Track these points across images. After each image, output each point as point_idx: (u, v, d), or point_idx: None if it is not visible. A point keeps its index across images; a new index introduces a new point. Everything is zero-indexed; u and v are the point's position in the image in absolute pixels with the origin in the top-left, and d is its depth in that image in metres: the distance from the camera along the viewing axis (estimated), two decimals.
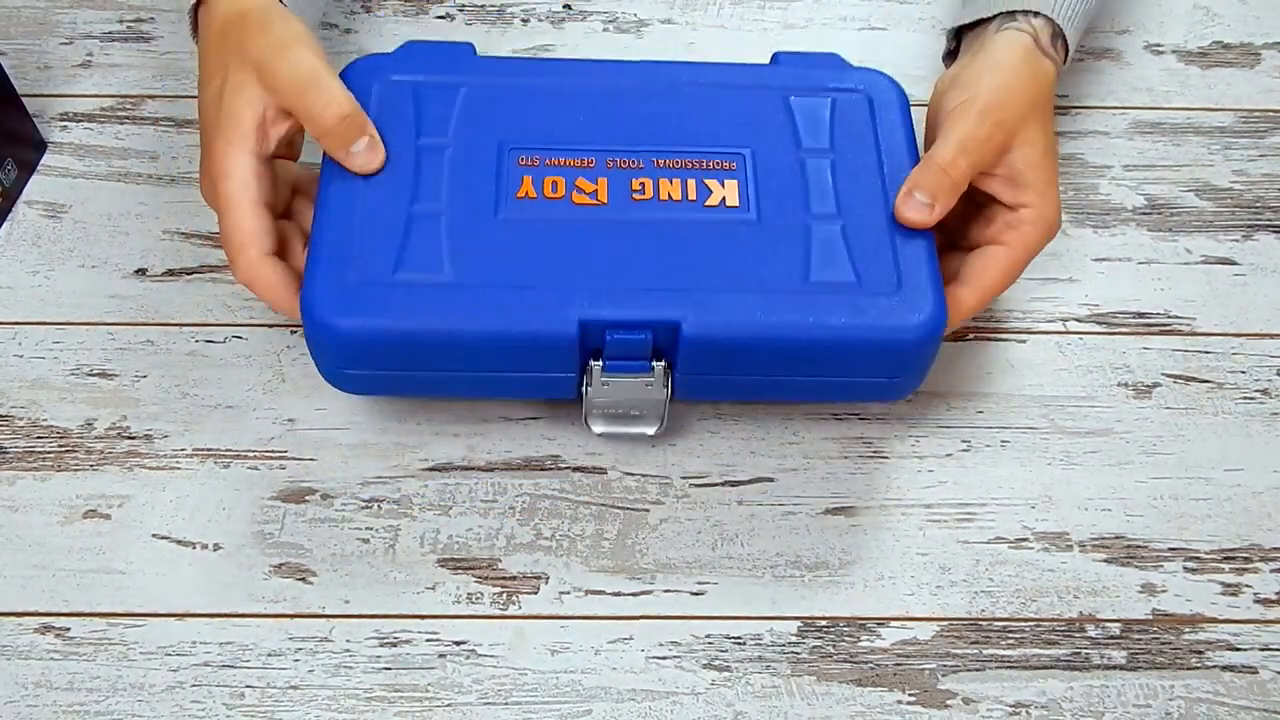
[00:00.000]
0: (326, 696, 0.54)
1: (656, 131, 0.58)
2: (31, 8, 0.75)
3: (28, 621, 0.56)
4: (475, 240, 0.54)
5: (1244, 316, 0.64)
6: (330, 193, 0.55)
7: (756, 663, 0.55)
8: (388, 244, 0.54)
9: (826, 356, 0.54)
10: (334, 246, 0.53)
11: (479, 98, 0.58)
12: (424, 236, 0.54)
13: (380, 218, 0.54)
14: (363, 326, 0.52)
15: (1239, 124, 0.71)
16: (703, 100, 0.59)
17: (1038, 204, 0.55)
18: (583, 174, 0.56)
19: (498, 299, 0.52)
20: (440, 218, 0.55)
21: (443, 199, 0.55)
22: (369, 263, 0.53)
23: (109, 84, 0.72)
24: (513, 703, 0.54)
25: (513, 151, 0.57)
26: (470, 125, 0.57)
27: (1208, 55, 0.73)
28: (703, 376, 0.55)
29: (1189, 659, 0.55)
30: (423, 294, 0.52)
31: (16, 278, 0.65)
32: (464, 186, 0.56)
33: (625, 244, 0.54)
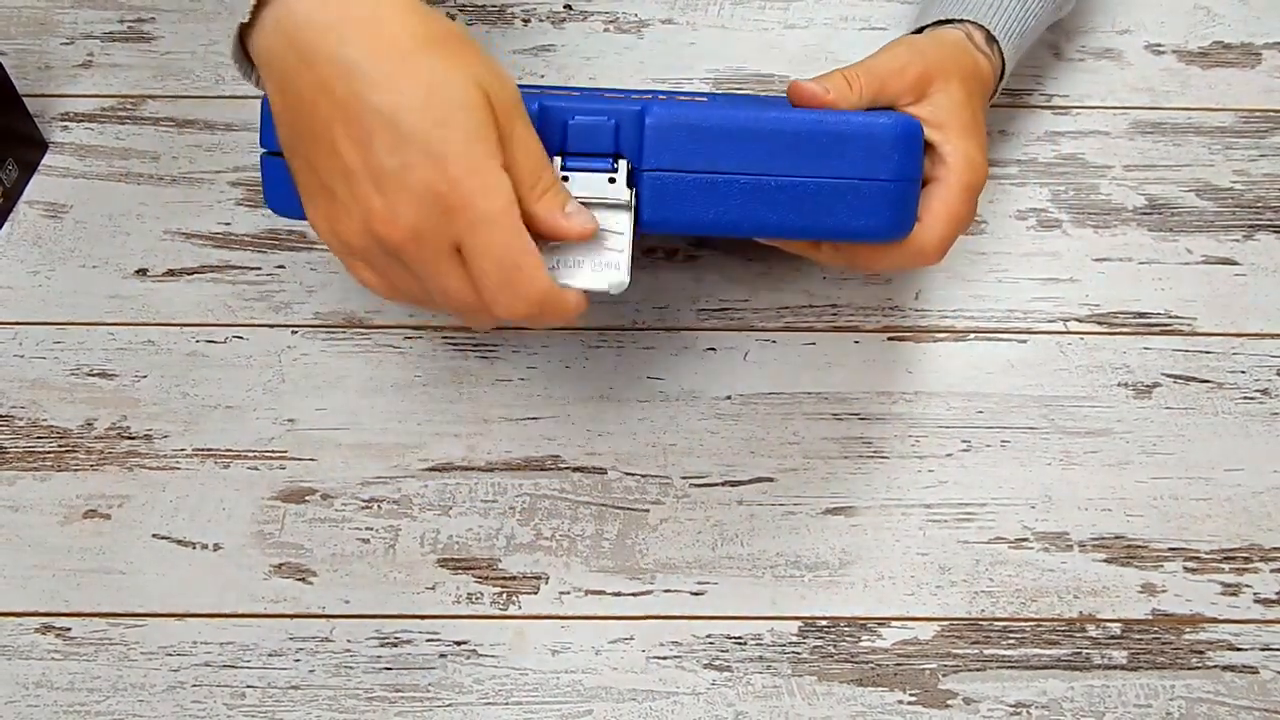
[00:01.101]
0: (327, 696, 0.54)
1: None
2: (32, 8, 0.75)
3: (28, 621, 0.56)
4: None
5: (1244, 316, 0.64)
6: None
7: (757, 663, 0.55)
8: None
9: (800, 149, 0.51)
10: None
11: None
12: None
13: None
14: None
15: (1240, 124, 0.71)
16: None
17: (957, 142, 0.54)
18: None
19: None
20: None
21: None
22: None
23: (110, 84, 0.72)
24: (513, 703, 0.54)
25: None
26: None
27: (1208, 55, 0.73)
28: (669, 181, 0.50)
29: (1189, 659, 0.55)
30: None
31: (17, 278, 0.65)
32: None
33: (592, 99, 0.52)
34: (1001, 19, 0.60)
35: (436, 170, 0.42)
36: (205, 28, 0.74)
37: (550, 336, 0.64)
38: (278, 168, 0.50)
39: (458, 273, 0.44)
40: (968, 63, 0.58)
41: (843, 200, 0.51)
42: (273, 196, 0.52)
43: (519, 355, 0.63)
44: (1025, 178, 0.69)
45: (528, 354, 0.63)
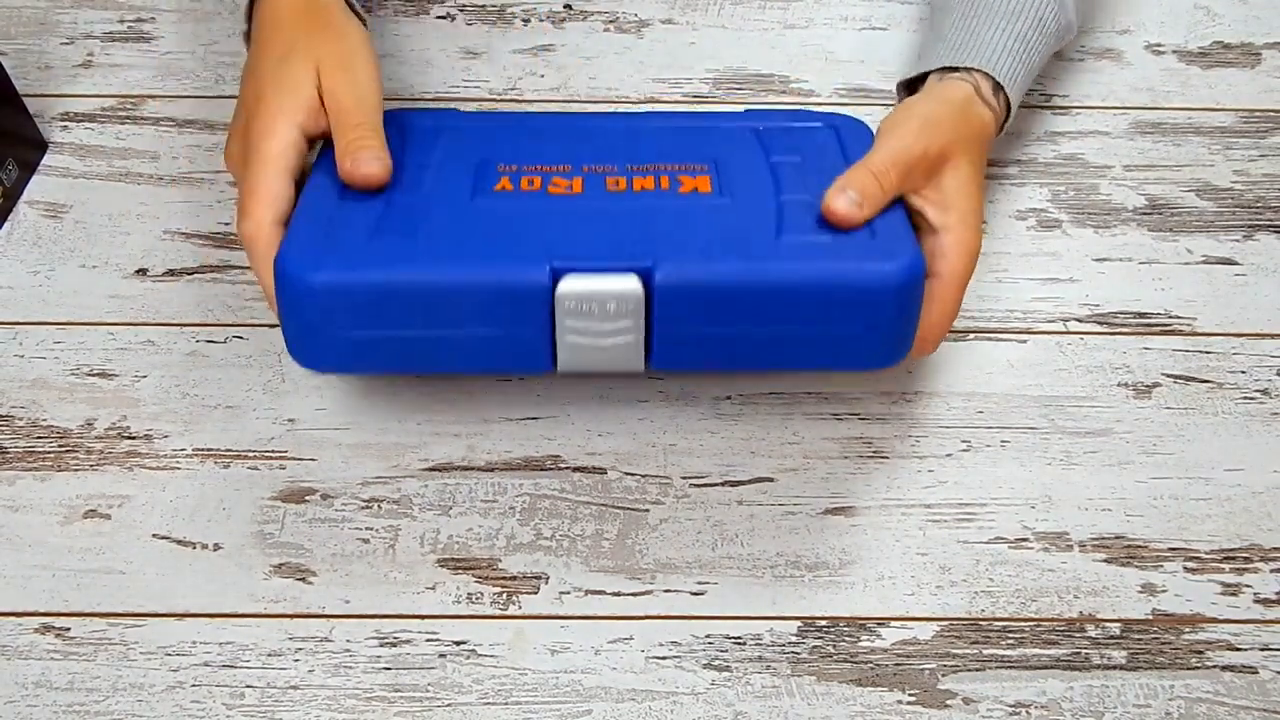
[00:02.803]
0: (326, 696, 0.54)
1: (630, 151, 0.59)
2: (32, 8, 0.75)
3: (28, 621, 0.56)
4: (450, 218, 0.55)
5: (1244, 316, 0.64)
6: (319, 178, 0.56)
7: (756, 663, 0.55)
8: (365, 218, 0.54)
9: (804, 301, 0.52)
10: (312, 218, 0.54)
11: (461, 135, 0.60)
12: (401, 214, 0.54)
13: (362, 200, 0.55)
14: (332, 280, 0.52)
15: (1240, 124, 0.71)
16: (676, 130, 0.61)
17: (958, 229, 0.55)
18: (559, 175, 0.57)
19: (469, 253, 0.53)
20: (419, 202, 0.55)
21: (422, 190, 0.56)
22: (345, 231, 0.53)
23: (109, 84, 0.72)
24: (513, 703, 0.54)
25: (492, 161, 0.58)
26: (453, 150, 0.59)
27: (1208, 55, 0.73)
28: (678, 332, 0.53)
29: (1189, 659, 0.55)
30: (394, 251, 0.52)
31: (17, 278, 0.65)
32: (444, 182, 0.57)
33: (600, 220, 0.54)
34: (1007, 63, 0.60)
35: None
36: (205, 28, 0.75)
37: None
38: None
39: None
40: (976, 126, 0.59)
41: (848, 345, 0.54)
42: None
43: None
44: (1025, 178, 0.69)
45: None
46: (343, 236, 0.53)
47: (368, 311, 0.52)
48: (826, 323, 0.53)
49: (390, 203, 0.55)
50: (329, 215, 0.54)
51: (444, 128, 0.61)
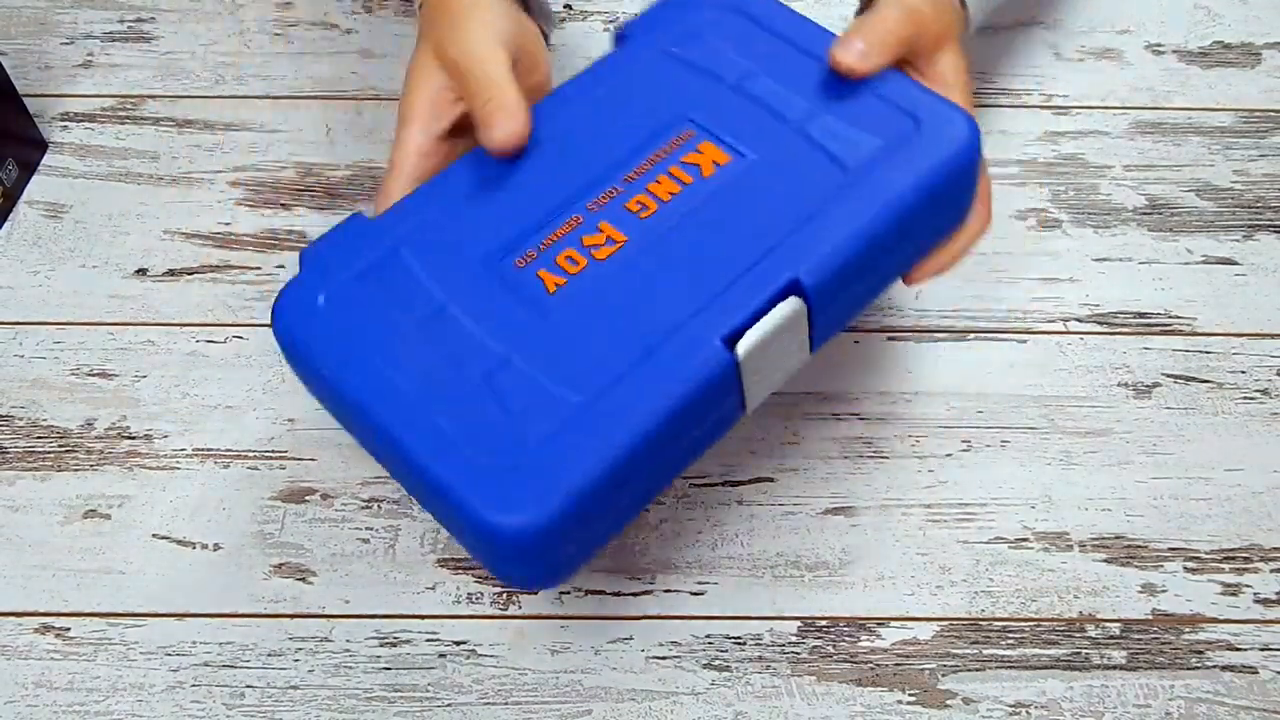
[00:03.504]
0: (326, 696, 0.54)
1: (602, 157, 0.51)
2: (32, 8, 0.75)
3: (28, 621, 0.56)
4: (557, 352, 0.46)
5: (1244, 316, 0.64)
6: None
7: (756, 663, 0.55)
8: (486, 410, 0.45)
9: (921, 207, 0.49)
10: (416, 424, 0.45)
11: (424, 247, 0.49)
12: (506, 377, 0.46)
13: (455, 384, 0.46)
14: (538, 520, 0.42)
15: (1239, 124, 0.71)
16: (609, 106, 0.53)
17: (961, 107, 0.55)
18: (584, 232, 0.49)
19: (634, 383, 0.45)
20: (507, 361, 0.46)
21: (493, 344, 0.46)
22: (487, 438, 0.44)
23: (109, 84, 0.72)
24: (513, 703, 0.54)
25: (503, 258, 0.48)
26: (441, 271, 0.49)
27: (1208, 55, 0.73)
28: (833, 309, 0.49)
29: (1189, 659, 0.55)
30: (566, 437, 0.44)
31: (17, 278, 0.65)
32: (493, 317, 0.47)
33: (683, 257, 0.48)
34: None
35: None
36: (205, 28, 0.75)
37: None
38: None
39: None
40: (954, 22, 0.57)
41: (949, 217, 0.52)
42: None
43: None
44: (1025, 178, 0.69)
45: None
46: (489, 445, 0.44)
47: (583, 518, 0.44)
48: (936, 210, 0.51)
49: (486, 373, 0.46)
50: (444, 428, 0.44)
51: (397, 245, 0.49)
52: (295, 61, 0.73)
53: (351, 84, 0.73)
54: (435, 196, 0.51)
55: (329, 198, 0.68)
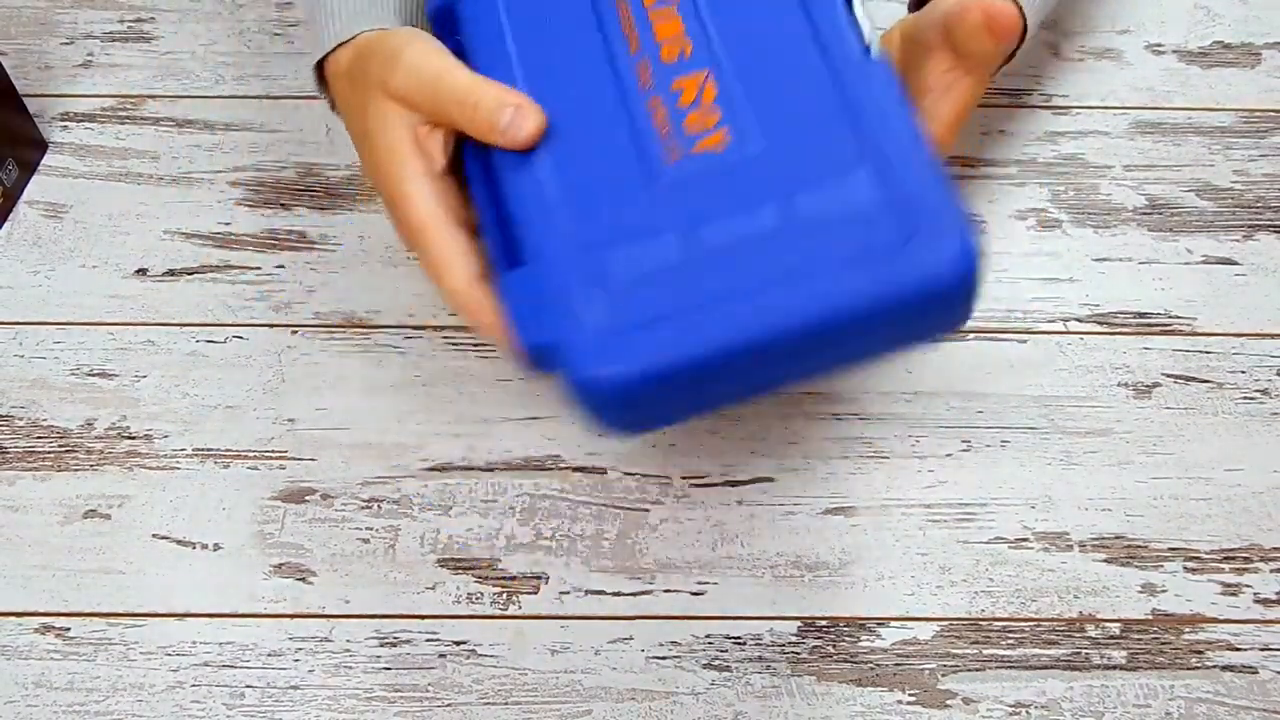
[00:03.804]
0: (326, 696, 0.54)
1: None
2: (32, 7, 0.75)
3: (28, 621, 0.56)
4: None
5: (1244, 316, 0.64)
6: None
7: (756, 663, 0.55)
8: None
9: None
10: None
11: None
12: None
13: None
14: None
15: (1240, 124, 0.71)
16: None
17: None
18: (676, 115, 0.49)
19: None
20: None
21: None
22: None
23: (109, 84, 0.72)
24: (513, 703, 0.54)
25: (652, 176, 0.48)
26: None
27: (1208, 55, 0.73)
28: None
29: (1189, 659, 0.55)
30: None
31: (17, 278, 0.65)
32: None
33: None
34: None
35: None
36: (205, 28, 0.75)
37: None
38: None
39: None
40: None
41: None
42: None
43: None
44: (1025, 178, 0.69)
45: None
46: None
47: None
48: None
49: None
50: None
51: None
52: (295, 61, 0.73)
53: None
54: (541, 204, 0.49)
55: (329, 198, 0.68)
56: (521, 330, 0.46)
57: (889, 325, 0.45)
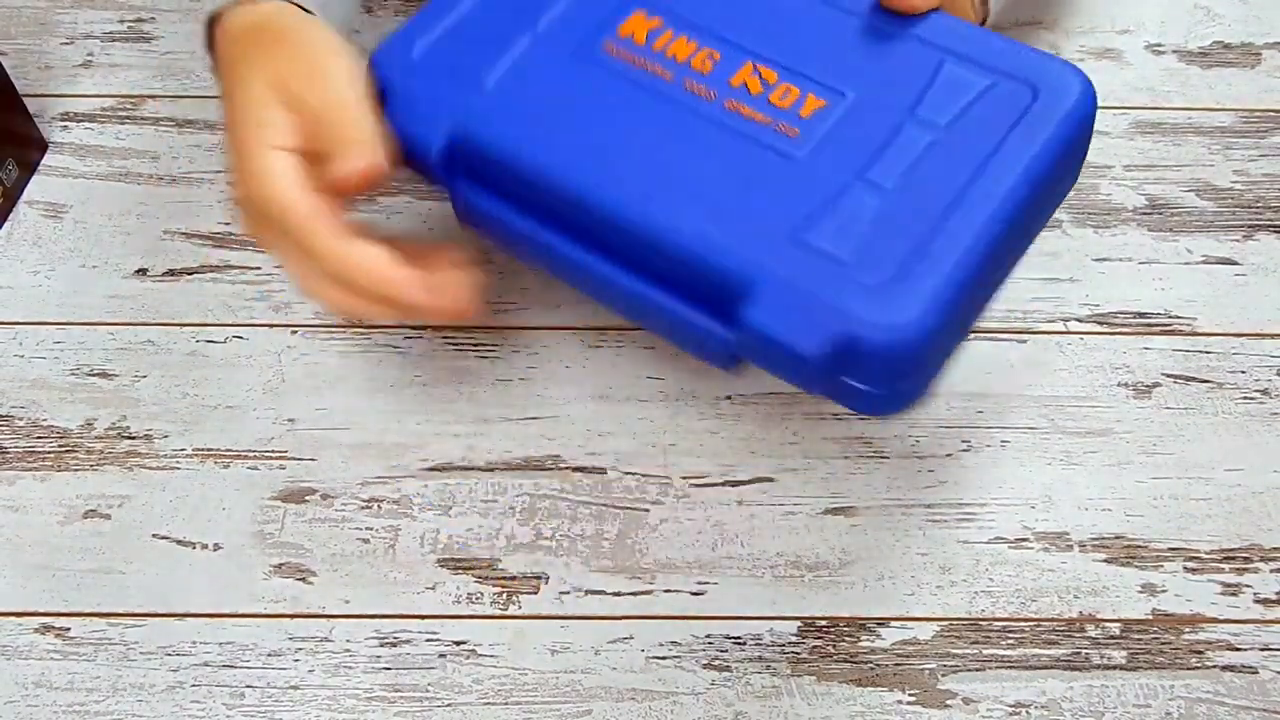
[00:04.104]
0: (326, 696, 0.54)
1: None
2: (32, 8, 0.75)
3: (28, 621, 0.56)
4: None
5: (1244, 316, 0.64)
6: None
7: (756, 663, 0.55)
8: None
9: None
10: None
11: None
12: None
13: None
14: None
15: (1240, 124, 0.71)
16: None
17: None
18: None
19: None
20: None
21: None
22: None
23: (110, 84, 0.72)
24: (513, 703, 0.54)
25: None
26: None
27: (1208, 55, 0.73)
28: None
29: (1189, 659, 0.55)
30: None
31: (16, 278, 0.65)
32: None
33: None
34: None
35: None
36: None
37: (550, 336, 0.64)
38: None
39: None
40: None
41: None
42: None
43: (519, 355, 0.63)
44: None
45: (528, 354, 0.63)
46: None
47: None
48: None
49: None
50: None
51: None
52: None
53: None
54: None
55: None
56: (799, 343, 0.46)
57: (1065, 165, 0.50)
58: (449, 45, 0.53)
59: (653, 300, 0.50)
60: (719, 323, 0.48)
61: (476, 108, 0.51)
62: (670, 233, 0.48)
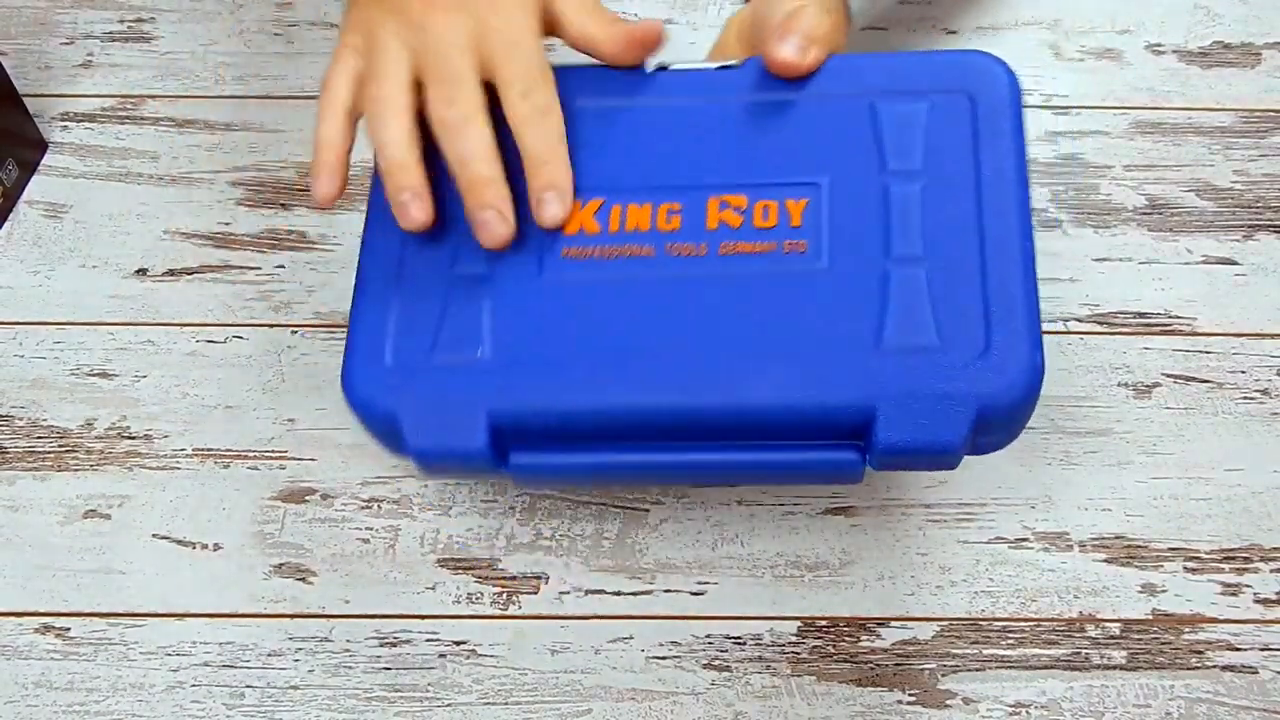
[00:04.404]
0: (326, 696, 0.54)
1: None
2: (32, 7, 0.75)
3: (28, 621, 0.56)
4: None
5: (1244, 316, 0.64)
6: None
7: (756, 663, 0.55)
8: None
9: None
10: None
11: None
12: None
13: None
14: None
15: (1240, 124, 0.71)
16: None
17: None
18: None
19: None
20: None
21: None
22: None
23: (109, 84, 0.72)
24: (513, 703, 0.54)
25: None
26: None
27: (1208, 55, 0.73)
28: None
29: (1189, 659, 0.55)
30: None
31: (17, 278, 0.65)
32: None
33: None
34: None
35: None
36: (205, 28, 0.75)
37: None
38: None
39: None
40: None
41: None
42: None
43: None
44: None
45: None
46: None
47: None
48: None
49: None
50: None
51: None
52: (295, 61, 0.73)
53: None
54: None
55: None
56: (941, 443, 0.45)
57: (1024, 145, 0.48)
58: (412, 344, 0.48)
59: (766, 465, 0.47)
60: (849, 453, 0.46)
61: (496, 386, 0.47)
62: (758, 406, 0.46)
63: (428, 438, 0.46)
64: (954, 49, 0.50)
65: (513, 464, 0.47)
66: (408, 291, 0.49)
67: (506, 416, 0.46)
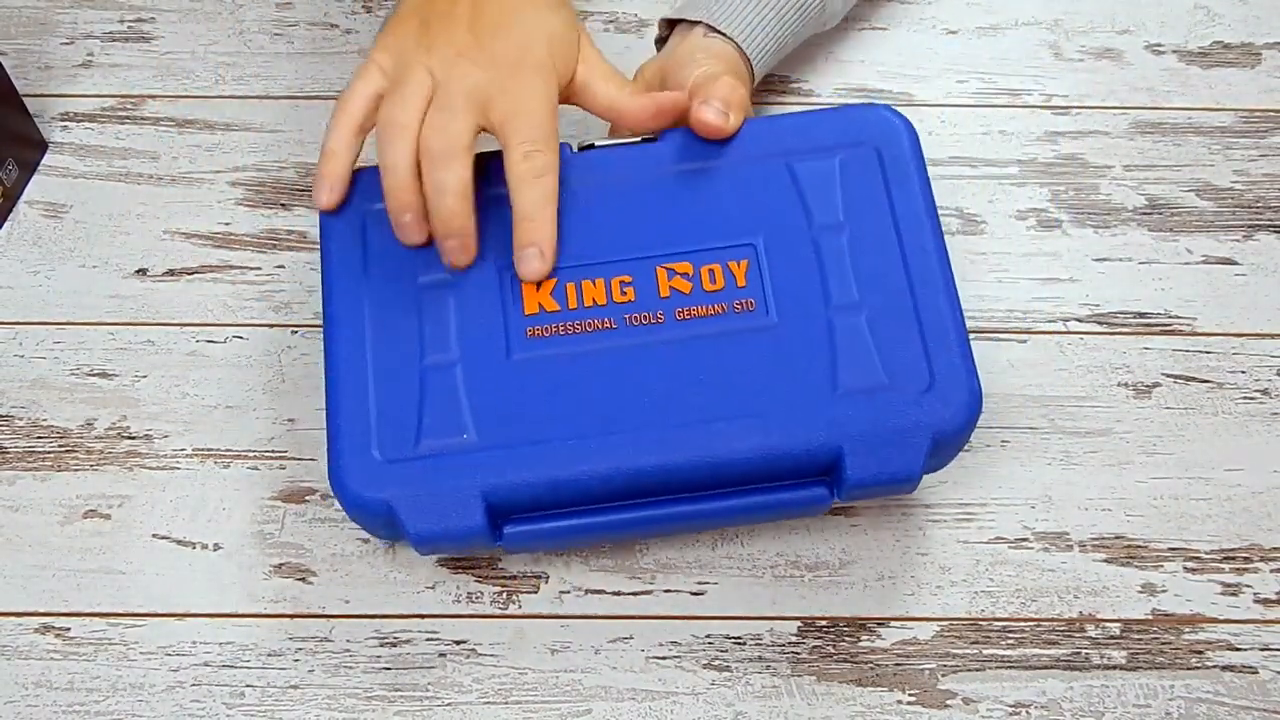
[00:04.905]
0: (326, 696, 0.54)
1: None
2: (32, 7, 0.75)
3: (28, 621, 0.56)
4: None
5: (1244, 316, 0.64)
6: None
7: (756, 663, 0.55)
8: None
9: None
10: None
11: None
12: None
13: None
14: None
15: (1239, 124, 0.71)
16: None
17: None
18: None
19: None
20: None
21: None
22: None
23: (109, 84, 0.72)
24: (513, 702, 0.54)
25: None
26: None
27: (1208, 55, 0.73)
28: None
29: (1189, 659, 0.55)
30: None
31: (17, 278, 0.65)
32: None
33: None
34: (759, 38, 0.61)
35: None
36: (205, 28, 0.74)
37: None
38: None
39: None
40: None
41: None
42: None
43: None
44: (1025, 178, 0.69)
45: None
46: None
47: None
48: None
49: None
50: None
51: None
52: (295, 61, 0.73)
53: None
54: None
55: None
56: (904, 473, 0.50)
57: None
58: (397, 435, 0.51)
59: (745, 509, 0.51)
60: (819, 489, 0.51)
61: (486, 466, 0.50)
62: (734, 458, 0.50)
63: (427, 523, 0.49)
64: (853, 104, 0.59)
65: (506, 535, 0.50)
66: (382, 386, 0.51)
67: (500, 494, 0.49)
